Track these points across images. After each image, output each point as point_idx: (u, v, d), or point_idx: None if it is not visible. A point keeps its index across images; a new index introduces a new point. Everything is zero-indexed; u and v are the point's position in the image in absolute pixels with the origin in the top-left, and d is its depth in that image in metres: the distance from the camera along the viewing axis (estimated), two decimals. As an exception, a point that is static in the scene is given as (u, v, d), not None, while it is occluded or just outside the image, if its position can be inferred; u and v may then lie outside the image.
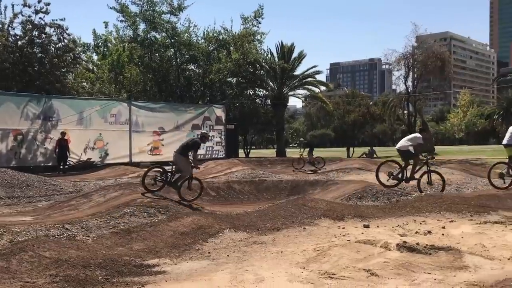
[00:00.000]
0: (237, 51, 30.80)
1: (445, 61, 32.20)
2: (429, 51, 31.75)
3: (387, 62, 37.30)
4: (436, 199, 9.51)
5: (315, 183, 13.49)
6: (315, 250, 6.07)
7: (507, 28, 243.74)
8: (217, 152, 24.82)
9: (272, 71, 36.16)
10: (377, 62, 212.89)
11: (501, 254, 5.74)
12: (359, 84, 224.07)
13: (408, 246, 5.97)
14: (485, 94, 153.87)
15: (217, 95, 33.16)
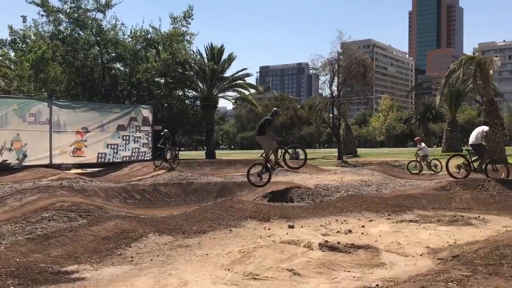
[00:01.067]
0: (165, 51, 30.30)
1: (367, 67, 33.71)
2: (353, 57, 33.13)
3: (313, 67, 38.29)
4: (357, 199, 9.93)
5: (244, 185, 13.57)
6: (240, 251, 6.10)
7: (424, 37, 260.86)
8: (143, 153, 24.21)
9: (201, 72, 35.96)
10: (304, 66, 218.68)
11: (415, 251, 6.09)
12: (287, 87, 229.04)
13: (330, 245, 6.17)
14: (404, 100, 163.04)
15: (145, 95, 32.40)
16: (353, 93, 37.96)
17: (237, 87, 39.86)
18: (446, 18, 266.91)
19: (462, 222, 8.05)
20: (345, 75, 33.54)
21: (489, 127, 24.71)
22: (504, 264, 4.94)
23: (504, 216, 8.73)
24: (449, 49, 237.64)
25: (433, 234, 7.14)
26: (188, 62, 32.83)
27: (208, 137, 39.16)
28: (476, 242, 6.17)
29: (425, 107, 73.31)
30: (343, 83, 34.47)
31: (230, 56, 38.26)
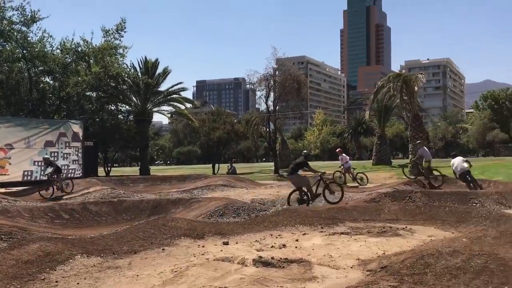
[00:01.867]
0: (97, 64, 29.33)
1: (301, 83, 34.48)
2: (287, 73, 33.78)
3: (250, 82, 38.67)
4: (292, 213, 10.03)
5: (178, 202, 13.33)
6: (173, 271, 5.94)
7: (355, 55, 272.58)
8: (73, 171, 23.18)
9: (135, 86, 35.17)
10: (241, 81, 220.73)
11: (346, 263, 6.22)
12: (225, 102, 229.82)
13: (263, 261, 6.16)
14: (337, 114, 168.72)
15: (75, 110, 31.12)
16: (288, 108, 38.70)
17: (173, 102, 39.38)
18: (375, 36, 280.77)
19: (391, 233, 8.35)
20: (280, 90, 34.11)
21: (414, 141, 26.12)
22: (428, 273, 5.16)
23: (429, 226, 9.15)
24: (378, 66, 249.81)
25: (363, 246, 7.34)
26: (121, 75, 31.96)
27: (142, 153, 38.25)
28: (403, 252, 6.40)
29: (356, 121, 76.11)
30: (278, 98, 35.02)
31: (165, 70, 37.83)
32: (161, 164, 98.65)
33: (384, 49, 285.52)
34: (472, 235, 7.17)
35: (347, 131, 78.94)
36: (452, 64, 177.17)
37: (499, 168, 25.48)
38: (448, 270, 5.14)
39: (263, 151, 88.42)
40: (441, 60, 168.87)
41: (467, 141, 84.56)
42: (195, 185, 20.71)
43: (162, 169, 53.20)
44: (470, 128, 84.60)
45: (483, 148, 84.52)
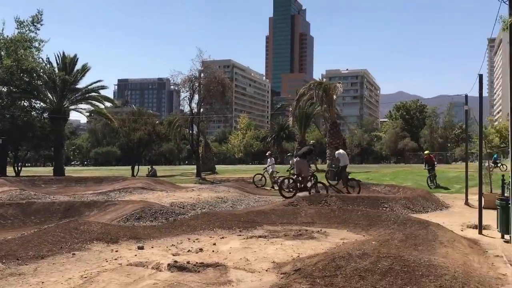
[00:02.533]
0: (9, 57, 27.41)
1: (226, 86, 34.61)
2: (212, 76, 33.75)
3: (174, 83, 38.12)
4: (211, 217, 9.99)
5: (93, 204, 12.77)
6: (82, 277, 5.66)
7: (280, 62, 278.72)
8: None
9: (51, 82, 33.33)
10: (166, 82, 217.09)
11: (261, 267, 6.28)
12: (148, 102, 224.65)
13: (179, 266, 6.06)
14: (261, 119, 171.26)
15: (-18, 104, 28.90)
16: (213, 111, 38.62)
17: (92, 100, 37.77)
18: (299, 44, 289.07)
19: (306, 236, 8.58)
20: (204, 93, 33.99)
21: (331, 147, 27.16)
22: (338, 275, 5.35)
23: (342, 229, 9.53)
24: (301, 74, 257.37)
25: (279, 249, 7.47)
26: (36, 70, 30.14)
27: (56, 152, 36.25)
28: (316, 255, 6.59)
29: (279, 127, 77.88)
30: (202, 100, 34.87)
31: (84, 66, 36.20)
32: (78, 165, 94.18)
33: (307, 57, 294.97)
34: (381, 238, 7.57)
35: (270, 136, 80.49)
36: (369, 75, 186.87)
37: (408, 175, 27.18)
38: (357, 272, 5.37)
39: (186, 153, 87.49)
40: (359, 71, 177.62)
41: (381, 149, 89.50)
42: (113, 187, 19.99)
43: (78, 170, 50.82)
44: (384, 136, 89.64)
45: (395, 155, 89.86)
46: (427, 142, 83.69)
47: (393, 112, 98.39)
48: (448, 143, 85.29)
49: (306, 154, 14.86)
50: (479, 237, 8.93)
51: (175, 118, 42.66)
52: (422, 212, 12.82)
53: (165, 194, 17.79)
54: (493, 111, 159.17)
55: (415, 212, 12.55)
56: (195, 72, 34.53)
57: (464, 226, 10.26)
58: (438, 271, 5.34)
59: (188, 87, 34.32)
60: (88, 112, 41.94)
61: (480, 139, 10.43)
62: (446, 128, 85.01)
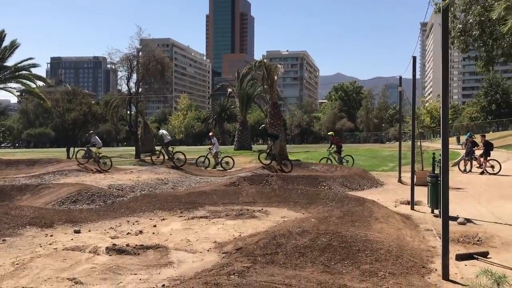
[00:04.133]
0: None
1: (165, 65, 33.71)
2: (151, 55, 32.76)
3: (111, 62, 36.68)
4: (151, 199, 9.82)
5: (25, 188, 12.17)
6: (14, 264, 5.40)
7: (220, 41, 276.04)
8: None
9: (-24, 59, 31.04)
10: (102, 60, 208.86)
11: (203, 247, 6.27)
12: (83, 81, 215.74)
13: (118, 249, 5.92)
14: (202, 100, 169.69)
15: None
16: (152, 90, 37.61)
17: (22, 79, 35.45)
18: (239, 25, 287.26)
19: (248, 215, 8.66)
20: (143, 72, 32.98)
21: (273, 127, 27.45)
22: (279, 252, 5.45)
23: (282, 207, 9.69)
24: (242, 54, 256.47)
25: (221, 229, 7.49)
26: (-43, 45, 27.94)
27: (-16, 134, 34.08)
28: (258, 233, 6.67)
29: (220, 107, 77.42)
30: (141, 80, 33.86)
31: (13, 43, 33.85)
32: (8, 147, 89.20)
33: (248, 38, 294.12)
34: (320, 215, 7.77)
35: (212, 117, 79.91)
36: (308, 57, 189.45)
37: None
38: (297, 249, 5.49)
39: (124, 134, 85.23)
40: (299, 53, 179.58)
41: (319, 129, 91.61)
42: (46, 170, 19.13)
43: (9, 152, 48.09)
44: (322, 117, 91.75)
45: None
46: (363, 123, 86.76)
47: (332, 93, 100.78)
48: (383, 123, 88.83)
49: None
50: (411, 213, 9.39)
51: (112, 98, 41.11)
52: (359, 189, 13.29)
53: (103, 176, 17.28)
54: (425, 93, 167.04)
55: (352, 190, 12.99)
56: (133, 51, 33.42)
57: (397, 202, 10.75)
58: (373, 246, 5.57)
59: (126, 66, 33.17)
60: (18, 91, 39.48)
61: (413, 119, 10.91)
62: (381, 109, 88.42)
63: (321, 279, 4.51)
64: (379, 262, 5.14)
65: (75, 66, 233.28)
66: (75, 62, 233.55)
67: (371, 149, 34.55)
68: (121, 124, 66.23)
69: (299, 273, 4.75)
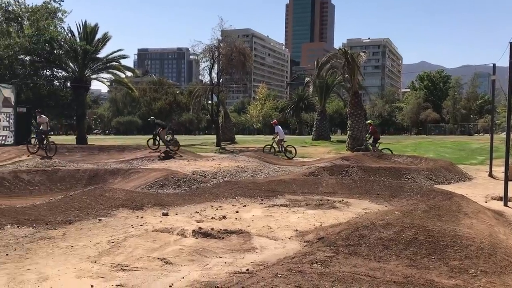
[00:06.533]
0: (31, 27, 27.56)
1: (246, 56, 34.24)
2: (232, 45, 33.43)
3: (194, 53, 37.91)
4: (233, 185, 10.08)
5: (116, 172, 12.99)
6: (110, 242, 5.80)
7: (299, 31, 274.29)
8: (4, 138, 21.91)
9: (72, 51, 33.42)
10: (185, 51, 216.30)
11: (284, 234, 6.35)
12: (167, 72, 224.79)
13: (203, 232, 6.16)
14: (280, 89, 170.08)
15: (6, 73, 29.22)
16: (232, 81, 38.42)
17: (112, 69, 37.84)
18: (319, 13, 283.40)
19: (328, 206, 8.61)
20: (224, 62, 33.74)
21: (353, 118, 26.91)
22: (362, 244, 5.37)
23: (364, 199, 9.52)
24: (322, 43, 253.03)
25: (301, 218, 7.52)
26: (57, 40, 30.27)
27: (79, 121, 36.71)
28: (339, 224, 6.62)
29: (298, 97, 77.21)
30: (222, 70, 34.67)
31: (105, 35, 36.13)
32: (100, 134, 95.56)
33: (328, 26, 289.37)
34: (404, 209, 7.53)
35: (289, 107, 79.97)
36: (391, 44, 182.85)
37: (430, 146, 26.87)
38: (381, 242, 5.37)
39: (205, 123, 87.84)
40: (381, 40, 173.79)
41: (402, 119, 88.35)
42: (135, 156, 20.25)
43: (100, 139, 51.53)
44: (405, 107, 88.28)
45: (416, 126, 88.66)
46: (449, 113, 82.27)
47: (417, 82, 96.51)
48: (471, 114, 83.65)
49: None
50: (504, 209, 8.82)
51: (195, 88, 42.59)
52: (445, 183, 12.70)
53: (186, 162, 17.95)
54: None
55: (437, 183, 12.44)
56: (215, 42, 34.27)
57: (488, 197, 10.14)
58: (463, 242, 5.31)
59: (208, 57, 34.13)
60: (109, 81, 42.17)
61: (509, 110, 10.17)
62: (469, 99, 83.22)
63: (407, 273, 4.39)
64: (469, 259, 4.89)
65: (160, 57, 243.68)
66: (160, 53, 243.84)
67: (458, 141, 32.71)
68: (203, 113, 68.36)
69: (384, 266, 4.66)
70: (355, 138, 26.76)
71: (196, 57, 38.18)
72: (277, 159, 20.77)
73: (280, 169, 16.29)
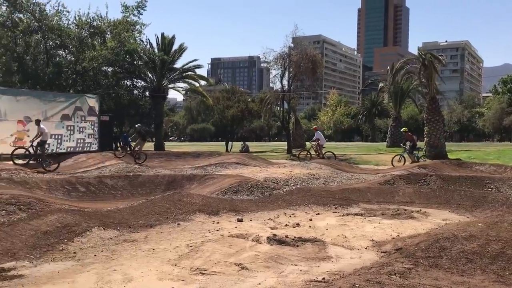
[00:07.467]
0: (113, 39, 29.33)
1: (317, 63, 34.12)
2: (303, 52, 33.45)
3: (265, 61, 38.40)
4: (305, 193, 10.06)
5: (193, 178, 13.43)
6: (188, 246, 6.01)
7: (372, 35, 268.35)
8: (89, 144, 23.40)
9: (151, 62, 35.12)
10: (256, 59, 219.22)
11: (360, 244, 6.24)
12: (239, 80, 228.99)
13: (278, 239, 6.20)
14: (352, 95, 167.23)
15: (91, 84, 31.26)
16: (303, 87, 38.37)
17: (188, 79, 39.28)
18: (393, 17, 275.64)
19: (405, 216, 8.34)
20: (295, 69, 33.81)
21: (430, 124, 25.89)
22: (443, 256, 5.15)
23: (443, 209, 9.12)
24: (395, 47, 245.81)
25: (377, 227, 7.34)
26: (137, 51, 31.97)
27: (157, 129, 38.40)
28: (418, 235, 6.39)
29: (371, 103, 75.48)
30: (293, 77, 34.76)
31: (181, 46, 37.61)
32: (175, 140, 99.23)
33: (402, 30, 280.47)
34: (488, 220, 7.11)
35: (362, 113, 78.35)
36: (470, 47, 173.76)
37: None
38: (464, 255, 5.12)
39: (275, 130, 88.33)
40: (459, 43, 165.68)
41: (483, 125, 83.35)
42: (209, 162, 20.81)
43: (176, 145, 53.49)
44: (487, 113, 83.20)
45: (499, 133, 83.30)
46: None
47: (499, 86, 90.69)
48: None
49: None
50: None
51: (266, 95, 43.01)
52: (534, 194, 11.81)
53: (258, 169, 18.16)
54: None
55: (525, 194, 11.61)
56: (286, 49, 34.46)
57: None
58: (557, 258, 4.93)
59: (279, 64, 34.39)
60: (184, 90, 43.76)
61: None
62: None
63: (494, 289, 4.16)
64: None
65: (232, 66, 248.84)
66: (232, 62, 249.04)
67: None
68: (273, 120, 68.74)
69: (468, 280, 4.44)
70: (433, 145, 25.69)
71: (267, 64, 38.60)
72: (350, 166, 20.43)
73: (353, 177, 16.01)
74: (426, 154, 24.46)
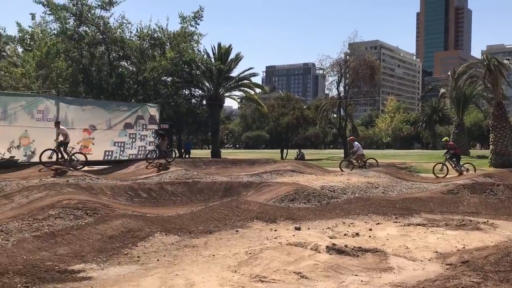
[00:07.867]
0: (172, 50, 30.29)
1: (374, 69, 33.59)
2: (361, 58, 33.03)
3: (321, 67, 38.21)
4: (364, 202, 9.87)
5: (249, 185, 13.53)
6: (247, 253, 6.06)
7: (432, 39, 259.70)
8: (150, 152, 24.17)
9: (208, 71, 35.93)
10: (311, 66, 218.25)
11: (423, 255, 6.03)
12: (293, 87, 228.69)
13: (337, 248, 6.12)
14: (411, 101, 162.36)
15: (151, 93, 32.40)
16: (360, 94, 37.81)
17: (243, 87, 39.81)
18: (454, 19, 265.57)
19: (471, 227, 7.98)
20: (353, 76, 33.42)
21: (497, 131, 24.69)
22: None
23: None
24: (457, 51, 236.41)
25: (441, 238, 7.07)
26: (194, 61, 32.83)
27: (214, 136, 39.14)
28: (486, 247, 6.10)
29: (432, 109, 72.86)
30: (350, 84, 34.34)
31: (237, 55, 38.22)
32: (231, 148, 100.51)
33: (464, 32, 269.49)
34: None
35: (422, 119, 75.80)
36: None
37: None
38: (538, 270, 4.83)
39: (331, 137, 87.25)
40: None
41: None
42: (264, 169, 20.88)
43: (231, 153, 54.21)
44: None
45: None
46: None
47: None
48: None
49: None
50: None
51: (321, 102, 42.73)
52: None
53: (314, 177, 18.01)
54: None
55: None
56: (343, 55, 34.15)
57: None
58: None
59: (336, 71, 34.14)
60: (239, 98, 44.36)
61: None
62: None
63: None
64: None
65: (286, 73, 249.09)
66: (287, 69, 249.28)
67: None
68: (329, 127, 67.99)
69: (543, 298, 4.17)
70: (499, 153, 24.45)
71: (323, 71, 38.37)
72: (410, 175, 19.85)
73: (413, 186, 15.54)
74: (492, 163, 23.37)
